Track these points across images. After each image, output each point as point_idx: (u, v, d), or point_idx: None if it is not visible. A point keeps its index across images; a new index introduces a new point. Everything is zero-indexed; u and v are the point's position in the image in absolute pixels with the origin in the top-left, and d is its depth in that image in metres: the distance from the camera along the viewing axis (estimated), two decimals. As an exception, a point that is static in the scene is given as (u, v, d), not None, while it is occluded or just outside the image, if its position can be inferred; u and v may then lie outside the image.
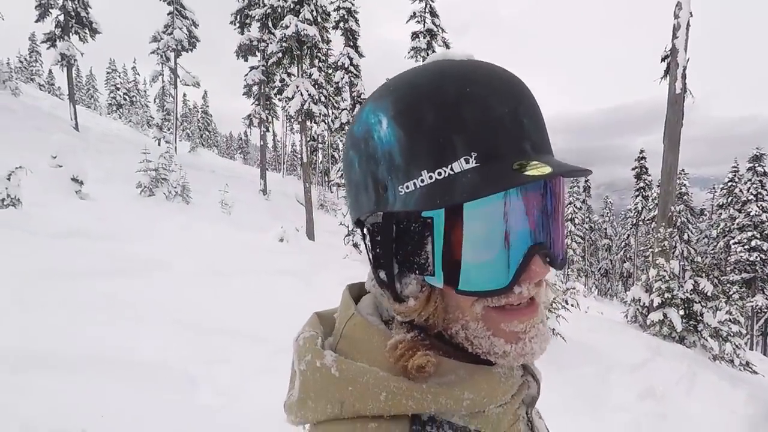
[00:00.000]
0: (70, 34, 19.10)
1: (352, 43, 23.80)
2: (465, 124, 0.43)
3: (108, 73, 45.94)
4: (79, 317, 3.87)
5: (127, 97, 43.86)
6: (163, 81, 25.78)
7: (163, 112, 26.79)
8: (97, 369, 3.21)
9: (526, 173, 0.41)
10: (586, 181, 37.76)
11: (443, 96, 0.44)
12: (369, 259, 0.50)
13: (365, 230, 0.51)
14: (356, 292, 0.57)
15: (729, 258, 24.94)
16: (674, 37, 10.04)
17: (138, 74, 49.70)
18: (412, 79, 0.48)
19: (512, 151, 0.43)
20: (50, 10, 18.96)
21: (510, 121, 0.44)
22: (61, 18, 18.91)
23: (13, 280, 4.26)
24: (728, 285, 17.79)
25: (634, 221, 31.80)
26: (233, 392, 3.37)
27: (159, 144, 23.50)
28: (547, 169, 0.41)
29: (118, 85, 43.83)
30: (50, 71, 46.35)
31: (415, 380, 0.44)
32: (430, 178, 0.43)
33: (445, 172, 0.42)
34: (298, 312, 0.62)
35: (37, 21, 19.00)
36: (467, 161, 0.42)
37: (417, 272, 0.45)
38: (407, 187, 0.44)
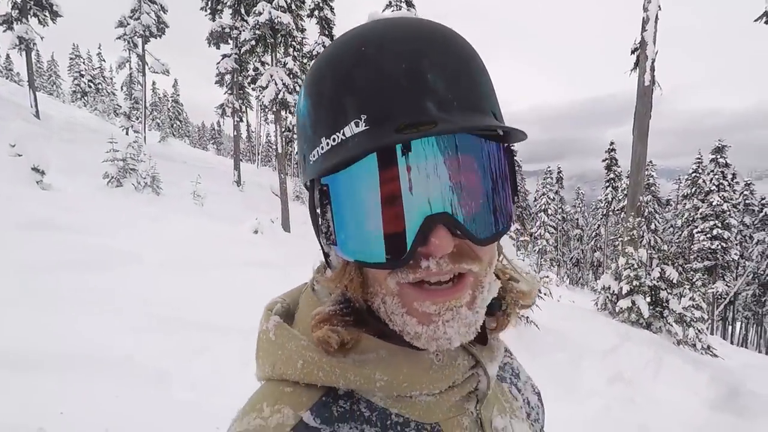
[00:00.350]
0: (29, 16, 18.12)
1: (327, 32, 23.40)
2: (356, 86, 0.41)
3: (71, 59, 43.71)
4: (49, 312, 3.72)
5: (92, 84, 42.12)
6: (130, 68, 24.86)
7: (131, 100, 25.83)
8: (68, 365, 3.10)
9: (404, 134, 0.37)
10: (559, 172, 38.59)
11: (340, 60, 0.43)
12: None
13: None
14: None
15: (692, 246, 26.00)
16: (643, 30, 10.27)
17: (104, 61, 47.45)
18: (327, 47, 0.47)
19: (406, 110, 0.39)
20: (6, -10, 17.94)
21: (408, 78, 0.40)
22: (19, -1, 17.92)
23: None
24: (692, 272, 18.53)
25: (605, 211, 32.74)
26: (210, 384, 3.32)
27: (127, 133, 22.73)
28: (429, 128, 0.38)
29: (83, 72, 42.01)
30: (8, 55, 44.08)
31: (330, 353, 0.44)
32: (327, 144, 0.42)
33: (338, 137, 0.41)
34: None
35: (-9, 2, 17.95)
36: (357, 125, 0.40)
37: (326, 241, 0.45)
38: (313, 156, 0.44)
